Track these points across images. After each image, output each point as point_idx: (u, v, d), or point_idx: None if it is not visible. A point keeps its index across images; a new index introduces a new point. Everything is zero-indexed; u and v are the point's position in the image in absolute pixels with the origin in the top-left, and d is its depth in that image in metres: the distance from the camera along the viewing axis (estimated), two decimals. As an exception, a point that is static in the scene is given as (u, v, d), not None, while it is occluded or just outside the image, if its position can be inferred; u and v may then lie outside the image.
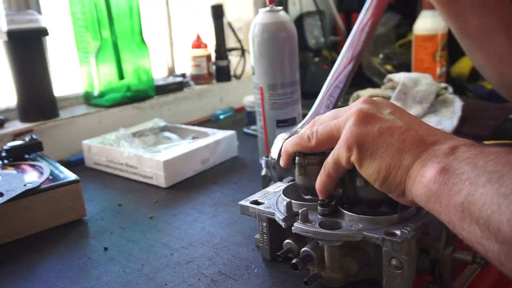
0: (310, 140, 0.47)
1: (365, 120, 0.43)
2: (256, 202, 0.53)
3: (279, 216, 0.48)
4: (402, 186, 0.40)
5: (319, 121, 0.49)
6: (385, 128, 0.42)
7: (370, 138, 0.42)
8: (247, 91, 1.33)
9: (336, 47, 1.57)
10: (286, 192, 0.53)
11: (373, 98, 0.47)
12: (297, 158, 0.49)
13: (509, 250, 0.30)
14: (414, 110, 0.91)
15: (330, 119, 0.47)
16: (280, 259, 0.49)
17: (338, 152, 0.44)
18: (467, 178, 0.34)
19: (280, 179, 0.60)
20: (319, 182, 0.47)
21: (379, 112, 0.44)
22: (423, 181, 0.38)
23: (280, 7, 0.77)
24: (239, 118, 1.22)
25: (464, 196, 0.34)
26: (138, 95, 1.11)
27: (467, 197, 0.33)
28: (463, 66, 1.34)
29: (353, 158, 0.43)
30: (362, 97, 0.47)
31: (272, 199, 0.53)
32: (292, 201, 0.49)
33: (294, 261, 0.45)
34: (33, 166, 0.73)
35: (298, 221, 0.46)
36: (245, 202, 0.54)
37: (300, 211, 0.47)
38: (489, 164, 0.34)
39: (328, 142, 0.46)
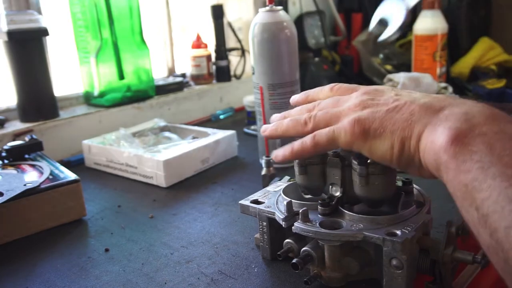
0: (307, 125, 0.45)
1: (370, 107, 0.42)
2: (256, 202, 0.53)
3: (280, 216, 0.48)
4: (418, 156, 0.38)
5: (319, 106, 0.47)
6: (391, 108, 0.40)
7: (377, 119, 0.40)
8: (247, 91, 1.33)
9: (336, 47, 1.57)
10: (286, 191, 0.53)
11: (373, 86, 0.46)
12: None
13: (499, 249, 0.29)
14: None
15: (331, 107, 0.46)
16: (280, 258, 0.49)
17: (340, 132, 0.42)
18: (478, 160, 0.32)
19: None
20: (300, 146, 0.45)
21: (383, 98, 0.42)
22: (433, 147, 0.36)
23: (280, 7, 0.77)
24: (239, 118, 1.22)
25: (470, 179, 0.32)
26: (138, 95, 1.11)
27: (472, 182, 0.32)
28: (463, 66, 1.34)
29: (357, 146, 0.41)
30: (363, 87, 0.46)
31: (272, 198, 0.53)
32: (293, 200, 0.49)
33: (294, 260, 0.45)
34: (33, 166, 0.73)
35: (299, 221, 0.46)
36: (245, 202, 0.54)
37: (300, 211, 0.47)
38: (506, 153, 0.31)
39: (326, 126, 0.44)
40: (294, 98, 0.52)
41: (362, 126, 0.40)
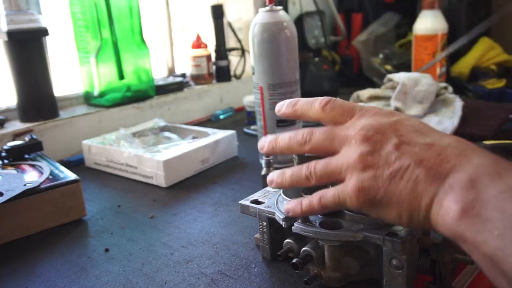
0: (309, 180, 0.43)
1: (371, 169, 0.39)
2: (256, 202, 0.53)
3: (280, 216, 0.48)
4: (429, 224, 0.37)
5: (312, 142, 0.44)
6: (394, 172, 0.38)
7: (381, 188, 0.38)
8: (247, 91, 1.33)
9: (336, 47, 1.57)
10: (286, 191, 0.53)
11: (372, 126, 0.41)
12: (297, 159, 0.49)
13: None
14: (415, 110, 0.91)
15: (324, 141, 0.43)
16: (280, 258, 0.49)
17: (345, 198, 0.40)
18: (495, 228, 0.31)
19: None
20: (308, 206, 0.43)
21: (383, 151, 0.39)
22: (445, 222, 0.35)
23: (280, 7, 0.77)
24: (239, 118, 1.22)
25: (492, 249, 0.31)
26: (138, 95, 1.11)
27: (495, 252, 0.31)
28: (463, 66, 1.34)
29: (365, 210, 0.40)
30: (360, 130, 0.41)
31: (272, 198, 0.53)
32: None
33: (294, 260, 0.45)
34: (33, 166, 0.73)
35: (298, 221, 0.46)
36: (245, 202, 0.54)
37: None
38: None
39: (329, 181, 0.43)
40: (281, 109, 0.48)
41: (366, 195, 0.39)
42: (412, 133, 0.40)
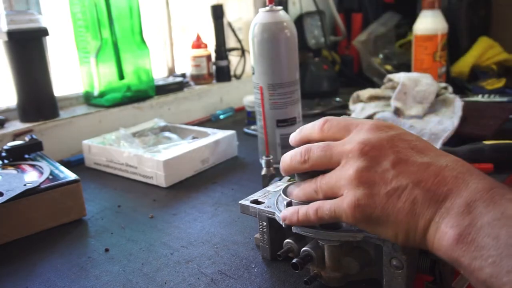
0: (318, 194, 0.44)
1: (368, 185, 0.39)
2: (256, 202, 0.53)
3: (279, 216, 0.48)
4: (425, 245, 0.38)
5: (311, 160, 0.44)
6: (391, 191, 0.38)
7: (378, 206, 0.38)
8: (247, 91, 1.33)
9: (336, 47, 1.57)
10: (286, 191, 0.53)
11: (369, 141, 0.40)
12: (297, 176, 0.49)
13: None
14: (415, 110, 0.91)
15: (323, 158, 0.43)
16: (280, 258, 0.49)
17: (341, 213, 0.40)
18: (488, 256, 0.31)
19: None
20: (304, 216, 0.44)
21: (379, 167, 0.39)
22: (441, 246, 0.35)
23: (280, 7, 0.77)
24: (239, 118, 1.22)
25: (486, 276, 0.31)
26: (138, 95, 1.11)
27: (490, 279, 0.31)
28: (463, 65, 1.34)
29: (360, 227, 0.41)
30: (357, 145, 0.40)
31: (272, 198, 0.53)
32: (293, 200, 0.49)
33: (294, 261, 0.45)
34: (33, 166, 0.73)
35: None
36: (245, 202, 0.54)
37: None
38: None
39: (334, 196, 0.43)
40: (293, 139, 0.49)
41: (363, 212, 0.39)
42: (409, 150, 0.40)
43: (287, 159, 0.47)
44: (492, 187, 0.35)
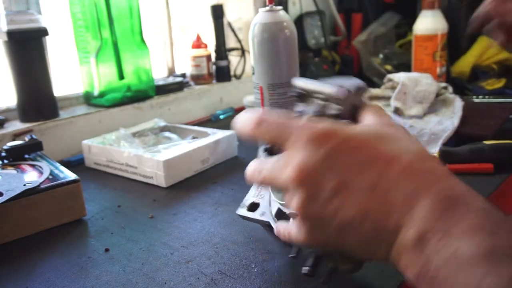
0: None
1: (314, 221, 0.36)
2: (253, 206, 0.53)
3: (274, 225, 0.48)
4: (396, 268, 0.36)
5: (265, 172, 0.41)
6: (338, 226, 0.35)
7: (331, 241, 0.37)
8: (247, 91, 1.33)
9: (336, 47, 1.57)
10: (274, 189, 0.52)
11: (305, 165, 0.35)
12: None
13: None
14: (415, 110, 0.91)
15: (275, 173, 0.39)
16: (295, 259, 0.48)
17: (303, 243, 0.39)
18: None
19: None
20: (288, 237, 0.42)
21: (320, 199, 0.35)
22: (406, 278, 0.34)
23: (280, 7, 0.77)
24: (239, 118, 1.22)
25: None
26: (138, 95, 1.11)
27: None
28: (463, 64, 1.34)
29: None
30: (291, 172, 0.36)
31: (266, 196, 0.53)
32: (281, 204, 0.47)
33: (306, 270, 0.43)
34: (33, 166, 0.73)
35: None
36: (242, 211, 0.53)
37: (289, 212, 0.45)
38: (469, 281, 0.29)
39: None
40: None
41: (321, 246, 0.39)
42: (351, 166, 0.35)
43: (250, 169, 0.45)
44: (445, 207, 0.32)
